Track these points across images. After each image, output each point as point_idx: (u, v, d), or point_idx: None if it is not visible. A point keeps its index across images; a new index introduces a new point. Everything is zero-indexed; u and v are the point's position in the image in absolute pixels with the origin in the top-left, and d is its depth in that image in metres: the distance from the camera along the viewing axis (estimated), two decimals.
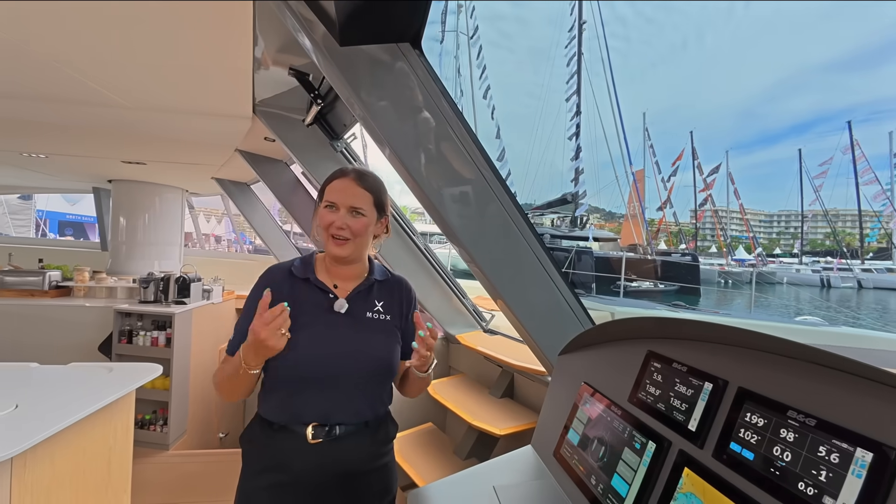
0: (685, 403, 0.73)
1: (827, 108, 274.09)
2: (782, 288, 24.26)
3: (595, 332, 1.06)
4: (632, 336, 0.97)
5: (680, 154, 31.45)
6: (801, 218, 42.40)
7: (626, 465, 0.79)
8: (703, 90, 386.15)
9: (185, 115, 1.96)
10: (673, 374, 0.78)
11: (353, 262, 1.02)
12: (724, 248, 36.13)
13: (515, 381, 1.98)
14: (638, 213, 24.65)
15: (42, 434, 1.14)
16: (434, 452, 1.99)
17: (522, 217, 1.26)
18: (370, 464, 1.00)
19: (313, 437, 0.93)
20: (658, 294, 16.89)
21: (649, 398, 0.81)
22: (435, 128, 1.11)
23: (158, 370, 1.67)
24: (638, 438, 0.79)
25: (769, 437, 0.57)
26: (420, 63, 1.05)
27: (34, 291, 3.05)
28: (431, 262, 2.28)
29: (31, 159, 3.13)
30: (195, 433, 3.15)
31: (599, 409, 0.93)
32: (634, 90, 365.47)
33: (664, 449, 0.72)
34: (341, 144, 1.98)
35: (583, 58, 21.45)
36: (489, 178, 1.19)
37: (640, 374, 0.86)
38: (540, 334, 1.37)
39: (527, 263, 1.30)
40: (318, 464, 0.94)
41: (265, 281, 1.01)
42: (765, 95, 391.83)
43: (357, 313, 1.00)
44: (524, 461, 1.10)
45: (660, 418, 0.77)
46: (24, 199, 11.32)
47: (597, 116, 22.62)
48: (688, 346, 0.81)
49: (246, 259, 5.43)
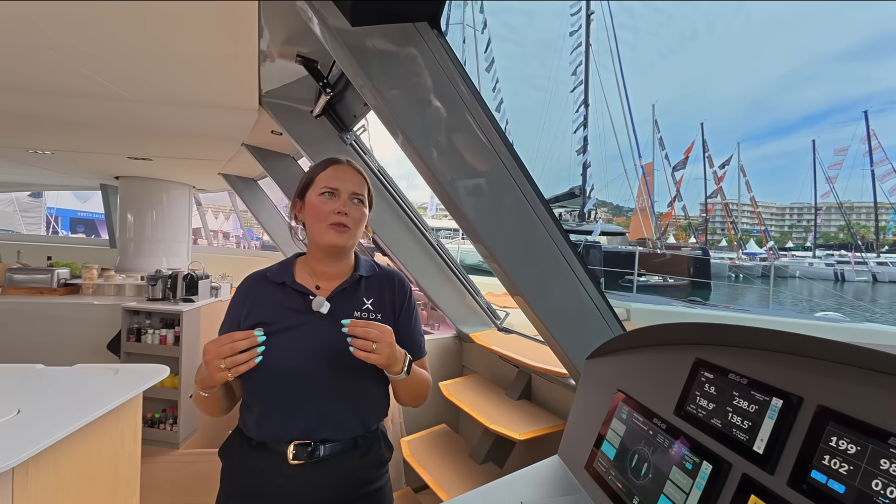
0: (747, 421, 0.64)
1: (841, 98, 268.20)
2: (795, 282, 23.86)
3: (629, 337, 0.97)
4: (672, 341, 0.88)
5: (690, 146, 30.92)
6: (814, 210, 41.59)
7: (674, 486, 0.71)
8: (714, 81, 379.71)
9: (189, 107, 1.89)
10: (730, 386, 0.69)
11: (346, 256, 0.95)
12: (734, 241, 35.60)
13: (533, 382, 1.91)
14: (647, 207, 24.33)
15: (44, 442, 1.09)
16: (448, 455, 1.92)
17: (547, 211, 1.18)
18: (358, 490, 0.89)
19: (294, 457, 0.83)
20: (669, 289, 16.67)
21: (700, 412, 0.73)
22: (454, 115, 1.03)
23: (165, 372, 1.62)
24: (689, 457, 0.70)
25: (865, 468, 0.49)
26: (438, 44, 0.97)
27: (43, 289, 3.03)
28: (444, 258, 2.20)
29: (37, 156, 3.10)
30: (205, 431, 3.13)
31: (639, 422, 0.85)
32: (642, 82, 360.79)
33: (723, 471, 0.64)
34: (351, 137, 1.90)
35: (591, 48, 21.11)
36: (511, 169, 1.10)
37: (687, 385, 0.78)
38: (564, 336, 1.29)
39: (551, 260, 1.22)
40: (297, 492, 0.83)
41: (242, 290, 0.93)
42: (777, 86, 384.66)
43: (341, 314, 0.88)
44: (552, 473, 1.02)
45: (715, 436, 0.68)
46: (34, 196, 11.42)
47: (604, 109, 22.28)
48: (742, 354, 0.72)
49: (253, 256, 5.40)
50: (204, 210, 7.78)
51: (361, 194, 0.92)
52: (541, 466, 1.05)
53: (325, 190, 0.89)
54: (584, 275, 1.26)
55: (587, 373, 1.12)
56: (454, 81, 0.99)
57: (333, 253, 0.91)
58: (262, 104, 1.82)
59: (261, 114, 1.91)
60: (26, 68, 1.52)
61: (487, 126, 1.06)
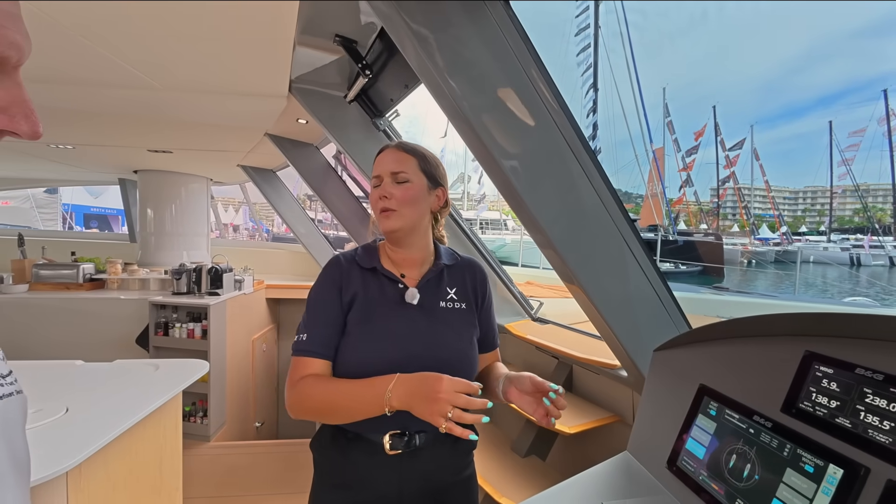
0: (888, 421, 0.58)
1: (857, 78, 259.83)
2: (809, 266, 23.45)
3: (711, 329, 0.91)
4: (766, 333, 0.82)
5: (702, 129, 30.21)
6: (829, 194, 40.66)
7: (791, 490, 0.65)
8: (725, 63, 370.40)
9: (216, 95, 1.84)
10: (859, 382, 0.63)
11: (410, 242, 0.91)
12: (746, 226, 35.00)
13: (574, 373, 1.86)
14: (659, 193, 23.95)
15: (96, 444, 1.07)
16: (489, 447, 1.89)
17: (612, 195, 1.11)
18: (453, 477, 0.90)
19: (391, 447, 0.82)
20: (681, 275, 16.46)
21: (819, 410, 0.67)
22: (516, 90, 0.96)
23: (205, 367, 1.60)
24: (808, 459, 0.65)
25: None
26: (508, 19, 0.89)
27: (69, 284, 3.04)
28: (478, 247, 2.14)
29: (59, 151, 3.07)
30: (234, 424, 3.15)
31: (734, 419, 0.79)
32: (652, 66, 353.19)
33: (860, 476, 0.58)
34: (384, 123, 1.83)
35: (599, 30, 20.60)
36: (582, 159, 1.03)
37: (797, 380, 0.71)
38: (622, 325, 1.23)
39: (611, 247, 1.15)
40: (400, 479, 0.84)
41: (334, 271, 0.90)
42: (789, 67, 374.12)
43: (429, 304, 0.89)
44: (626, 471, 0.97)
45: (843, 437, 0.62)
46: (49, 193, 11.54)
47: (614, 95, 21.82)
48: (864, 346, 0.66)
49: (270, 248, 5.38)
50: (215, 203, 7.78)
51: (400, 171, 0.86)
52: (612, 464, 1.00)
53: (374, 180, 0.90)
54: (648, 263, 1.19)
55: (657, 366, 1.06)
56: (524, 61, 0.91)
57: (394, 239, 0.90)
58: (291, 91, 1.76)
59: (290, 101, 1.84)
60: (52, 56, 1.47)
61: (552, 104, 0.98)
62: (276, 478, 2.40)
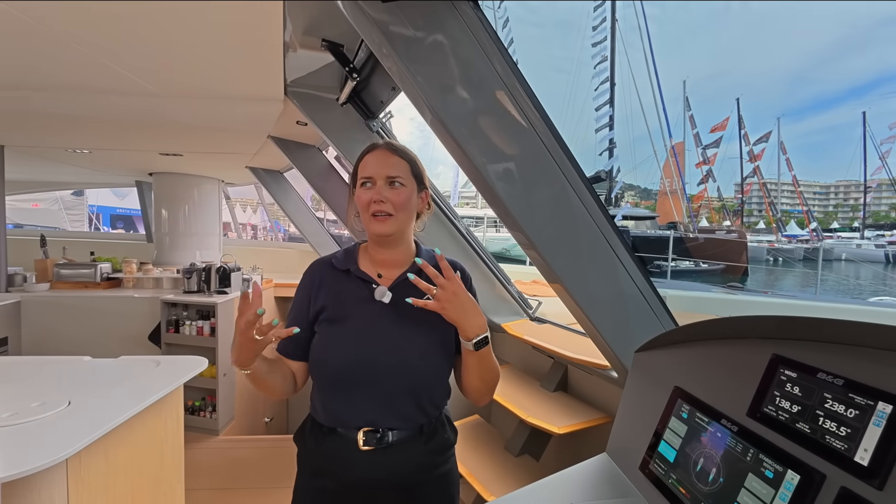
0: (845, 427, 0.56)
1: (891, 67, 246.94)
2: (840, 265, 22.48)
3: (688, 330, 0.89)
4: (739, 335, 0.80)
5: (724, 121, 29.22)
6: (863, 188, 38.82)
7: (751, 495, 0.64)
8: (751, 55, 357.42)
9: (215, 100, 1.89)
10: (820, 387, 0.61)
11: (398, 244, 0.93)
12: (773, 223, 33.74)
13: (570, 373, 1.84)
14: (678, 189, 23.36)
15: (95, 433, 1.13)
16: (483, 447, 1.89)
17: (590, 194, 1.09)
18: (427, 474, 0.91)
19: (364, 443, 0.85)
20: (702, 274, 16.04)
21: (782, 415, 0.65)
22: (490, 94, 0.96)
23: (204, 364, 1.65)
24: (769, 465, 0.63)
25: None
26: (475, 17, 0.89)
27: (87, 283, 3.17)
28: (473, 245, 2.14)
29: (76, 155, 3.21)
30: (243, 418, 3.23)
31: (703, 422, 0.78)
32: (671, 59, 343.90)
33: (815, 482, 0.57)
34: (377, 124, 1.85)
35: (616, 23, 20.18)
36: (551, 149, 1.02)
37: (763, 384, 0.70)
38: (607, 326, 1.21)
39: (594, 246, 1.14)
40: (371, 473, 0.86)
41: (308, 277, 0.95)
42: (819, 57, 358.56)
43: (403, 303, 0.88)
44: (601, 473, 0.97)
45: (802, 442, 0.61)
46: (76, 195, 12.04)
47: (632, 88, 21.35)
48: (827, 350, 0.64)
49: (282, 247, 5.50)
50: (232, 204, 7.98)
51: (397, 176, 0.88)
52: (590, 465, 0.99)
53: (363, 180, 0.89)
54: (631, 262, 1.17)
55: (637, 367, 1.05)
56: (493, 56, 0.91)
57: (384, 242, 0.92)
58: (287, 94, 1.79)
59: (286, 104, 1.88)
60: (54, 67, 1.54)
61: (526, 104, 0.98)
62: (282, 471, 2.46)
